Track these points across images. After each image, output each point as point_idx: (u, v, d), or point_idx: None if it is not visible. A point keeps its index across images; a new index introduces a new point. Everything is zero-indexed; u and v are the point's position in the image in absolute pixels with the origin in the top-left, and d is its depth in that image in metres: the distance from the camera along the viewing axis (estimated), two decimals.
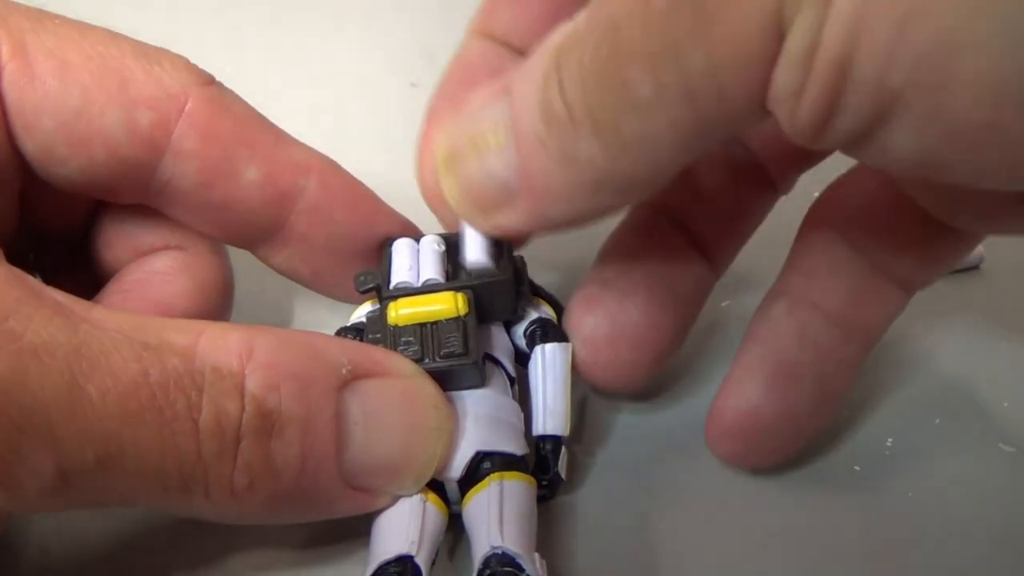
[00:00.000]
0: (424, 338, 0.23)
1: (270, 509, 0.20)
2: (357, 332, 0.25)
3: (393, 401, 0.21)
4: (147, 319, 0.20)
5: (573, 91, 0.19)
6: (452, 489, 0.22)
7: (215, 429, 0.19)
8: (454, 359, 0.23)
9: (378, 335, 0.23)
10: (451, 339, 0.23)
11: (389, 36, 0.38)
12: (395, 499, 0.22)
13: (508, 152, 0.21)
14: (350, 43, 0.38)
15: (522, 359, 0.25)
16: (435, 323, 0.23)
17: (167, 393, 0.19)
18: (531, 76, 0.20)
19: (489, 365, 0.24)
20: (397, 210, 0.26)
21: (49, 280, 0.22)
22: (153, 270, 0.25)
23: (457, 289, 0.24)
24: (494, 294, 0.24)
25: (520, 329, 0.25)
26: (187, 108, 0.23)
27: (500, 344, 0.25)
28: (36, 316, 0.18)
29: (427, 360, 0.23)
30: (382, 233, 0.26)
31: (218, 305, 0.26)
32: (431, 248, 0.25)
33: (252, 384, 0.20)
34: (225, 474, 0.20)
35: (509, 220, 0.22)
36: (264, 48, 0.38)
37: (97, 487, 0.19)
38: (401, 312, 0.23)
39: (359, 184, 0.26)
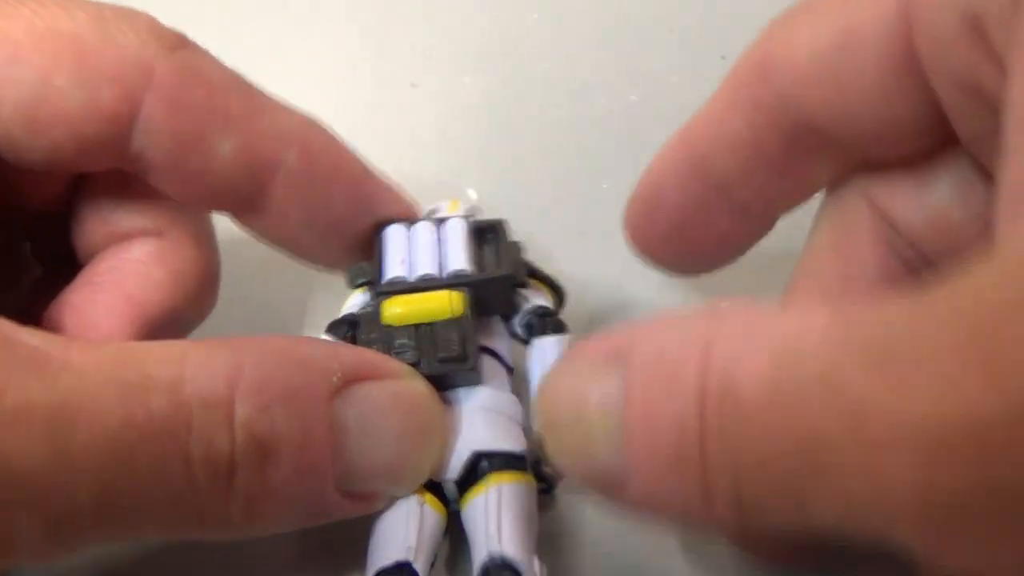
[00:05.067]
0: (420, 340, 0.22)
1: (265, 526, 0.20)
2: (350, 325, 0.24)
3: (386, 405, 0.21)
4: (127, 351, 0.19)
5: (720, 466, 0.16)
6: (450, 489, 0.22)
7: (207, 466, 0.19)
8: (451, 363, 0.22)
9: (373, 335, 0.23)
10: (448, 342, 0.22)
11: (389, 36, 0.38)
12: (392, 500, 0.21)
13: (618, 449, 0.18)
14: (350, 43, 0.37)
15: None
16: (431, 324, 0.22)
17: (155, 436, 0.18)
18: (663, 379, 0.17)
19: (486, 358, 0.23)
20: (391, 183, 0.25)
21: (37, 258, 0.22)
22: (127, 258, 0.24)
23: (453, 287, 0.23)
24: (492, 291, 0.24)
25: (517, 318, 0.25)
26: (154, 79, 0.22)
27: (497, 333, 0.24)
28: (12, 375, 0.18)
29: (423, 364, 0.22)
30: (370, 206, 0.25)
31: (196, 298, 0.24)
32: (425, 237, 0.24)
33: (242, 411, 0.19)
34: (221, 505, 0.19)
35: (615, 503, 0.19)
36: (263, 47, 0.38)
37: (91, 534, 0.18)
38: (395, 311, 0.23)
39: (346, 154, 0.24)
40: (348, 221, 0.24)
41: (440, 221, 0.25)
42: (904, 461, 0.14)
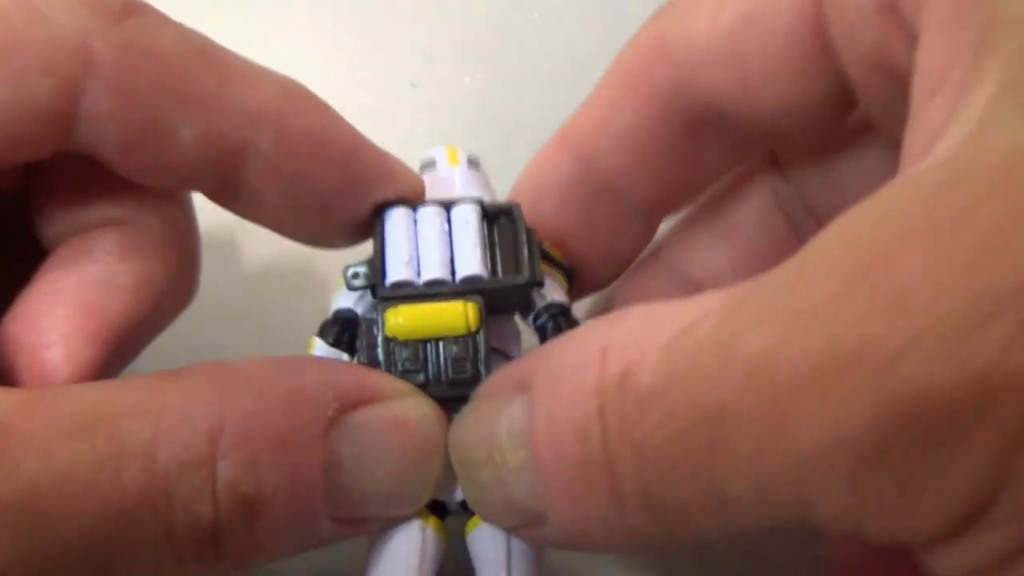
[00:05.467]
0: (428, 358, 0.20)
1: (254, 568, 0.19)
2: (344, 325, 0.22)
3: (384, 432, 0.19)
4: (97, 407, 0.17)
5: (625, 468, 0.16)
6: (456, 510, 0.21)
7: (191, 533, 0.17)
8: (463, 387, 0.20)
9: (374, 349, 0.21)
10: (460, 364, 0.20)
11: (389, 36, 0.38)
12: (390, 522, 0.21)
13: (530, 480, 0.17)
14: (350, 43, 0.37)
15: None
16: (440, 340, 0.20)
17: (133, 515, 0.17)
18: (564, 398, 0.17)
19: (494, 359, 0.21)
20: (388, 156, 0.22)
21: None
22: (88, 258, 0.21)
23: (467, 296, 0.20)
24: (509, 296, 0.22)
25: (530, 318, 0.23)
26: (94, 62, 0.19)
27: (506, 329, 0.22)
28: None
29: (432, 387, 0.20)
30: (363, 186, 0.22)
31: (169, 293, 0.22)
32: (433, 228, 0.21)
33: (226, 470, 0.17)
34: (208, 565, 0.18)
35: (537, 539, 0.19)
36: (263, 47, 0.37)
37: None
38: (400, 323, 0.20)
39: (333, 129, 0.21)
40: (338, 203, 0.22)
41: (448, 206, 0.22)
42: (803, 409, 0.14)
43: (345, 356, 0.22)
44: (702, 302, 0.16)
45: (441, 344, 0.20)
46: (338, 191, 0.21)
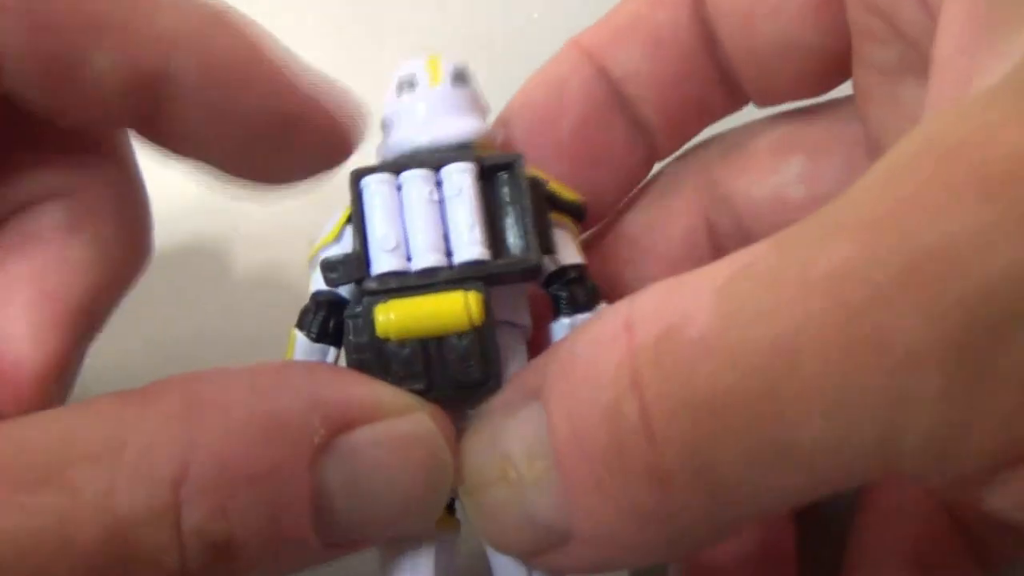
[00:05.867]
0: (428, 359, 0.18)
1: None
2: (329, 311, 0.19)
3: (382, 454, 0.17)
4: (49, 444, 0.16)
5: (671, 433, 0.14)
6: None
7: None
8: (470, 389, 0.18)
9: (364, 353, 0.18)
10: (466, 364, 0.18)
11: (388, 35, 0.37)
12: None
13: (552, 491, 0.16)
14: (350, 42, 0.37)
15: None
16: (442, 339, 0.18)
17: (89, 571, 0.15)
18: (585, 385, 0.15)
19: (500, 331, 0.19)
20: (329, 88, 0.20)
21: None
22: (37, 238, 0.19)
23: (468, 285, 0.18)
24: (516, 279, 0.19)
25: (541, 282, 0.20)
26: None
27: (510, 293, 0.20)
28: None
29: (434, 391, 0.18)
30: (288, 118, 0.19)
31: (125, 262, 0.20)
32: (421, 197, 0.18)
33: (192, 518, 0.16)
34: None
35: (559, 564, 0.17)
36: None
37: None
38: (392, 320, 0.17)
39: (257, 51, 0.19)
40: (267, 135, 0.20)
41: (437, 166, 0.19)
42: (898, 311, 0.13)
43: (332, 352, 0.20)
44: (746, 252, 0.15)
45: (442, 342, 0.18)
46: (266, 123, 0.19)
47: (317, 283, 0.19)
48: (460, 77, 0.21)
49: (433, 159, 0.19)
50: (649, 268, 0.23)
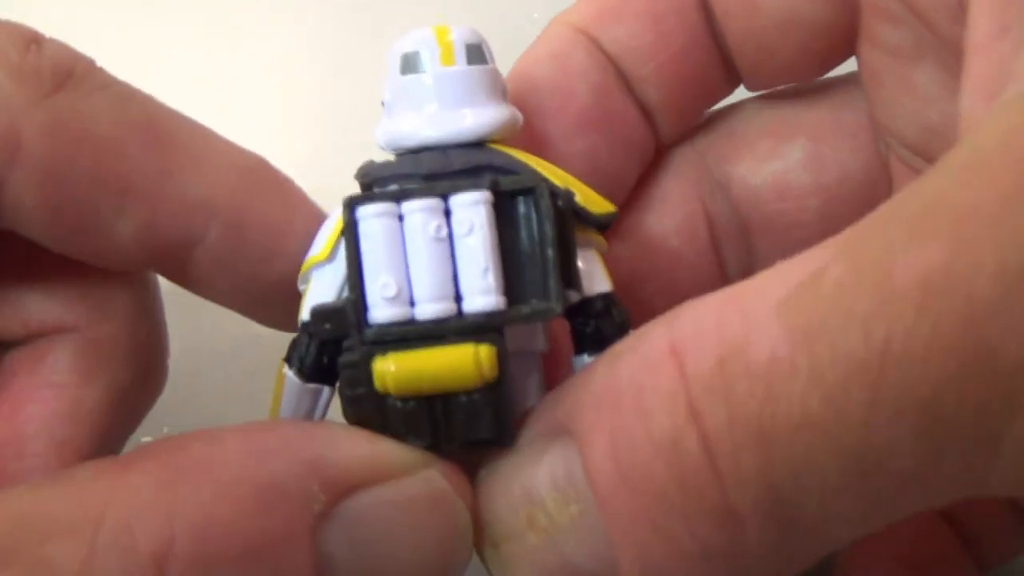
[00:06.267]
0: (434, 415, 0.16)
1: None
2: (322, 346, 0.17)
3: (390, 518, 0.16)
4: (22, 517, 0.14)
5: (741, 466, 0.13)
6: None
7: None
8: (481, 445, 0.16)
9: (363, 405, 0.16)
10: (476, 423, 0.16)
11: (388, 35, 0.37)
12: None
13: (591, 536, 0.14)
14: (349, 42, 0.37)
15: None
16: (449, 396, 0.16)
17: None
18: (630, 417, 0.14)
19: (515, 361, 0.17)
20: None
21: None
22: (48, 381, 0.18)
23: (480, 337, 0.16)
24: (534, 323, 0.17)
25: (564, 313, 0.17)
26: (20, 147, 0.16)
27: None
28: None
29: (442, 447, 0.16)
30: None
31: (139, 398, 0.19)
32: (427, 235, 0.16)
33: None
34: None
35: None
36: (262, 47, 0.37)
37: None
38: (392, 373, 0.15)
39: (290, 216, 0.19)
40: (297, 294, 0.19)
41: (445, 196, 0.16)
42: (1009, 316, 0.12)
43: (326, 393, 0.18)
44: (802, 260, 0.14)
45: (449, 400, 0.16)
46: (293, 288, 0.18)
47: (308, 305, 0.17)
48: (475, 53, 0.18)
49: (440, 187, 0.17)
50: (647, 260, 0.22)
